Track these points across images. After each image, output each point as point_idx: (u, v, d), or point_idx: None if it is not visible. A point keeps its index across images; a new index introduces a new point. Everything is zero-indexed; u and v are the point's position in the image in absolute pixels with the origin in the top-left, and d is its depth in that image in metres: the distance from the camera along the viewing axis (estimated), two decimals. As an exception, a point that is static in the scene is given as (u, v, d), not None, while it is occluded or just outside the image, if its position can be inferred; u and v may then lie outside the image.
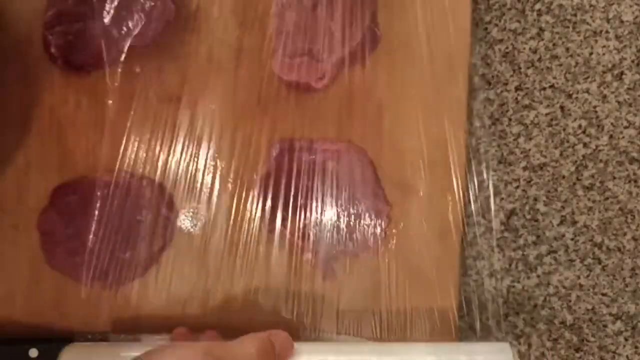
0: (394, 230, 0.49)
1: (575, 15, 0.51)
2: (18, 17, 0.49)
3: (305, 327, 0.49)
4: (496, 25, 0.51)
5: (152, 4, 0.48)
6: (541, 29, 0.51)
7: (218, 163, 0.49)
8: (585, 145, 0.51)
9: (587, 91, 0.51)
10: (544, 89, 0.51)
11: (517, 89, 0.51)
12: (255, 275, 0.49)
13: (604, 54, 0.51)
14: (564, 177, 0.51)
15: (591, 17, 0.51)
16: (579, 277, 0.51)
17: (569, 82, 0.51)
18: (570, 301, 0.51)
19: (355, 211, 0.49)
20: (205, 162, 0.49)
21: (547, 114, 0.51)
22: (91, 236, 0.48)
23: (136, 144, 0.49)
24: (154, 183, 0.48)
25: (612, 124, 0.51)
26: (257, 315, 0.49)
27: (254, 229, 0.49)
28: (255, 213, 0.49)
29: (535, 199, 0.51)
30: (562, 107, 0.51)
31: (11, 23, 0.49)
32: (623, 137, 0.51)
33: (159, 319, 0.49)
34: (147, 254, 0.48)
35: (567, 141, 0.51)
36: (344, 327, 0.49)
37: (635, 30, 0.51)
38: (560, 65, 0.51)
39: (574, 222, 0.51)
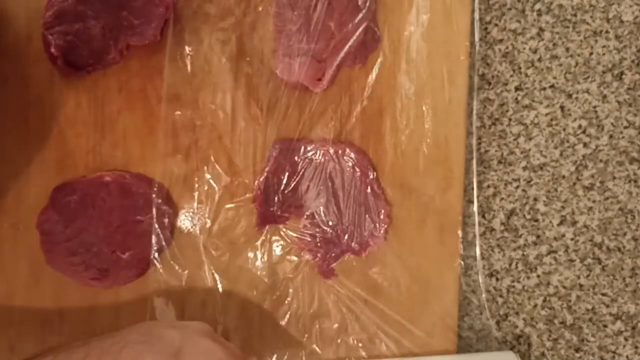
0: (394, 230, 0.49)
1: (575, 15, 0.51)
2: (18, 17, 0.49)
3: (306, 327, 0.49)
4: (496, 25, 0.51)
5: (152, 3, 0.48)
6: (541, 29, 0.51)
7: (218, 163, 0.49)
8: (585, 145, 0.51)
9: (587, 91, 0.51)
10: (544, 89, 0.51)
11: (517, 89, 0.51)
12: (255, 275, 0.49)
13: (604, 54, 0.51)
14: (564, 177, 0.51)
15: (591, 17, 0.51)
16: (579, 277, 0.51)
17: (569, 82, 0.51)
18: (570, 301, 0.51)
19: (355, 211, 0.49)
20: (205, 161, 0.49)
21: (547, 114, 0.51)
22: (91, 236, 0.48)
23: (136, 143, 0.49)
24: (153, 183, 0.48)
25: (612, 124, 0.51)
26: (257, 315, 0.49)
27: (254, 229, 0.49)
28: (255, 213, 0.49)
29: (535, 199, 0.51)
30: (562, 107, 0.51)
31: (11, 23, 0.49)
32: (623, 137, 0.51)
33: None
34: (147, 254, 0.48)
35: (567, 141, 0.51)
36: (344, 326, 0.49)
37: (635, 30, 0.51)
38: (560, 65, 0.51)
39: (574, 222, 0.51)
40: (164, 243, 0.48)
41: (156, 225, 0.48)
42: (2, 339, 0.49)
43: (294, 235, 0.49)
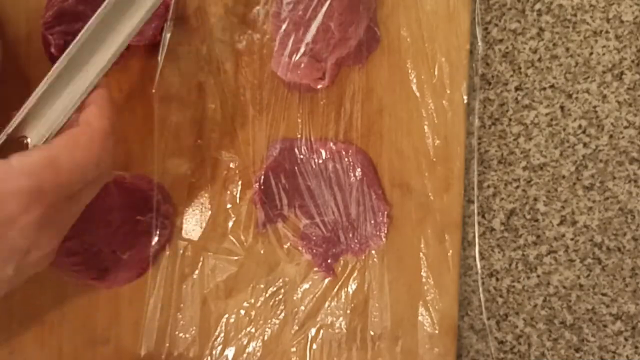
0: (394, 230, 0.49)
1: (575, 15, 0.51)
2: (18, 17, 0.48)
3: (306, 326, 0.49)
4: (496, 25, 0.51)
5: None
6: (541, 29, 0.51)
7: (218, 163, 0.49)
8: (585, 145, 0.51)
9: (587, 91, 0.51)
10: (544, 89, 0.51)
11: (517, 89, 0.51)
12: (255, 276, 0.49)
13: (604, 54, 0.51)
14: (564, 177, 0.51)
15: (591, 17, 0.51)
16: (579, 277, 0.51)
17: (569, 82, 0.51)
18: (570, 301, 0.51)
19: (355, 211, 0.49)
20: (205, 161, 0.49)
21: (547, 114, 0.51)
22: (91, 236, 0.48)
23: (136, 143, 0.49)
24: (153, 183, 0.48)
25: (612, 124, 0.51)
26: (256, 314, 0.49)
27: (254, 229, 0.49)
28: (255, 213, 0.49)
29: (535, 199, 0.51)
30: (562, 107, 0.51)
31: (11, 23, 0.49)
32: (623, 137, 0.51)
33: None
34: (147, 254, 0.48)
35: (567, 141, 0.51)
36: (345, 326, 0.49)
37: (635, 30, 0.51)
38: (560, 65, 0.51)
39: (574, 222, 0.51)
40: (164, 243, 0.48)
41: (156, 226, 0.48)
42: (2, 339, 0.49)
43: (294, 235, 0.49)
